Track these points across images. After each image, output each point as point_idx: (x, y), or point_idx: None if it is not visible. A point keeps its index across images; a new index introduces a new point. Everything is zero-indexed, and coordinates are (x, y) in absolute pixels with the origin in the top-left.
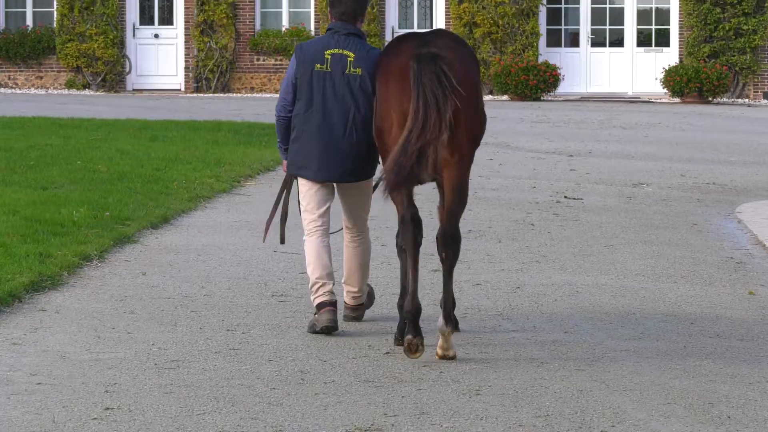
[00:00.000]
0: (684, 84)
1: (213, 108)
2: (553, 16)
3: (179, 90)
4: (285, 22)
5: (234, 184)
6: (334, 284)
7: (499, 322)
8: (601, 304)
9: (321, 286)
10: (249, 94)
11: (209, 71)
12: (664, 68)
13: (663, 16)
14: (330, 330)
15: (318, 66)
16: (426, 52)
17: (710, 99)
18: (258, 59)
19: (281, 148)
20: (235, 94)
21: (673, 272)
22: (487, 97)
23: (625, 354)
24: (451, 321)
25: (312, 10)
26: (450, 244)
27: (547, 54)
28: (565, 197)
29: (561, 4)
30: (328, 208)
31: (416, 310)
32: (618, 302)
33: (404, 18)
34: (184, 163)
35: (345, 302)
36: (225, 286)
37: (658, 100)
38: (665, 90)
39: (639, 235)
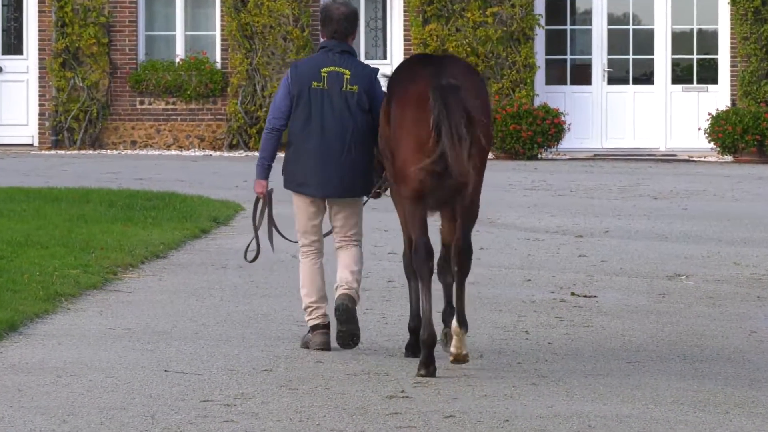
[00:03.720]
0: (738, 136)
1: (79, 170)
2: (555, 42)
3: (31, 145)
4: (179, 50)
5: (108, 277)
6: (327, 305)
7: None
8: None
9: (315, 309)
10: (129, 151)
11: (73, 119)
12: (710, 114)
13: (708, 41)
14: (323, 350)
15: (315, 83)
16: (446, 83)
17: None
18: (142, 102)
19: (263, 165)
20: (109, 151)
21: (723, 399)
22: None
23: None
24: (464, 323)
25: (218, 32)
26: (466, 257)
27: (546, 94)
28: (573, 294)
29: (566, 24)
30: (320, 225)
31: (433, 340)
32: None
33: None
34: (39, 247)
35: (337, 295)
36: (96, 419)
37: (702, 159)
38: (711, 144)
39: (675, 348)
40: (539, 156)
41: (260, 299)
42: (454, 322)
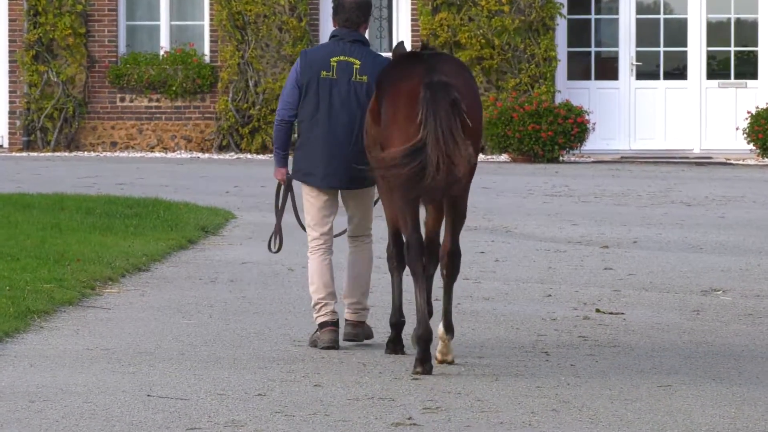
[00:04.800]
0: None
1: (53, 174)
2: (578, 33)
3: (0, 146)
4: (164, 42)
5: (85, 292)
6: (336, 303)
7: None
8: None
9: (323, 306)
10: (108, 153)
11: (47, 117)
12: (749, 112)
13: (747, 31)
14: (331, 349)
15: (324, 73)
16: (438, 80)
17: None
18: (122, 99)
19: (278, 155)
20: (86, 153)
21: (764, 427)
22: None
23: None
24: (450, 329)
25: (206, 22)
26: (454, 261)
27: (569, 90)
28: (598, 311)
29: (590, 13)
30: (332, 223)
31: (428, 336)
32: None
33: None
34: (9, 259)
35: (345, 318)
36: None
37: (740, 162)
38: (751, 146)
39: (711, 370)
40: (560, 159)
41: (253, 317)
42: (441, 327)
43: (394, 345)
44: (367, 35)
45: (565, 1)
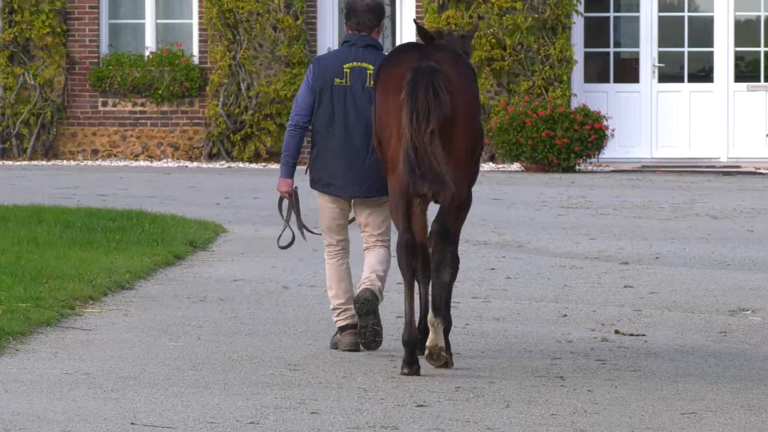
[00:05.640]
0: None
1: (30, 185)
2: (596, 32)
3: None
4: (149, 42)
5: (64, 312)
6: None
7: None
8: None
9: (343, 311)
10: (89, 162)
11: (23, 123)
12: None
13: None
14: (353, 351)
15: (337, 80)
16: (425, 65)
17: None
18: (105, 103)
19: (287, 163)
20: (65, 162)
21: None
22: (486, 165)
23: None
24: (440, 313)
25: (195, 21)
26: (442, 238)
27: (585, 94)
28: (617, 333)
29: (609, 10)
30: (346, 224)
31: (415, 340)
32: None
33: None
34: None
35: (359, 288)
36: None
37: None
38: None
39: (740, 396)
40: (577, 167)
41: (245, 338)
42: (430, 313)
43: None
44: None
45: None
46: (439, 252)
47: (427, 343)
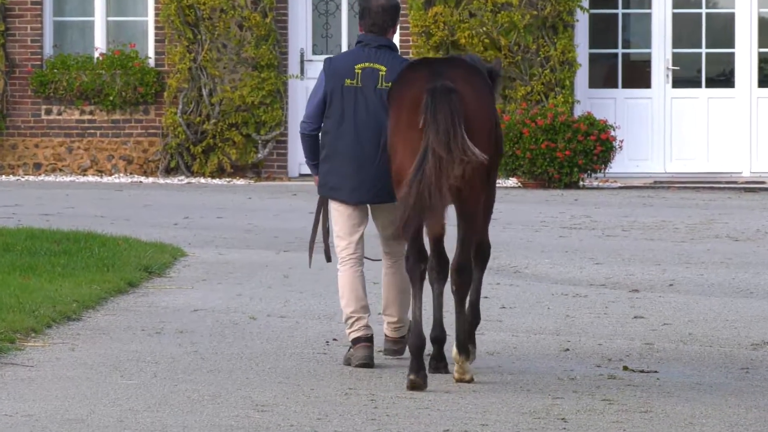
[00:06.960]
0: None
1: None
2: (603, 31)
3: None
4: (99, 42)
5: (3, 346)
6: (369, 316)
7: None
8: None
9: (356, 321)
10: (31, 177)
11: None
12: None
13: None
14: (366, 366)
15: (348, 81)
16: (441, 85)
17: None
18: (48, 111)
19: (310, 165)
20: (4, 177)
21: None
22: None
23: None
24: (464, 350)
25: (150, 18)
26: (462, 277)
27: (590, 101)
28: (625, 369)
29: (616, 7)
30: (362, 233)
31: (421, 344)
32: None
33: (323, 36)
34: None
35: (385, 334)
36: None
37: None
38: None
39: None
40: (580, 183)
41: (207, 375)
42: (454, 349)
43: (437, 362)
44: (335, 35)
45: None
46: (460, 287)
47: (455, 376)
